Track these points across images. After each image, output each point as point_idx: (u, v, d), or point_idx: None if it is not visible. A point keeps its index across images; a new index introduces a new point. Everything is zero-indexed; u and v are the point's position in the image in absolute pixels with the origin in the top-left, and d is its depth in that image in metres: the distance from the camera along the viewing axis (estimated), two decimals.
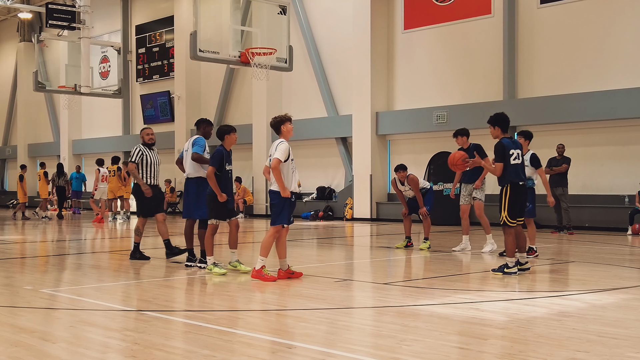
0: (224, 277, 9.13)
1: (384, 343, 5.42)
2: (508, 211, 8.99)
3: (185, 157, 10.25)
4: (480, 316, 6.45)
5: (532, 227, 10.95)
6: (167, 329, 6.01)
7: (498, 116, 9.25)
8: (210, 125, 10.26)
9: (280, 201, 8.72)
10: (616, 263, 10.49)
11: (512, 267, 8.96)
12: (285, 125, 8.93)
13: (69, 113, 32.79)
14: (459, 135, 11.90)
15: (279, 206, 8.76)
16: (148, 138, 11.03)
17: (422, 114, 20.84)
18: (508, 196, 8.97)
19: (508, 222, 9.02)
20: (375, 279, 9.45)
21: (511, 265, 8.98)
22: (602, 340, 5.40)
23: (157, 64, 30.63)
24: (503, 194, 9.01)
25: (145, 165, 10.96)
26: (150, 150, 11.04)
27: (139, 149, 10.97)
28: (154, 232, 14.55)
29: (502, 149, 8.99)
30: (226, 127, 9.59)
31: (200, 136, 10.12)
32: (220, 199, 9.25)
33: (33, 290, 8.05)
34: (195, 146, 9.93)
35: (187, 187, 10.23)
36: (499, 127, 9.18)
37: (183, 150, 10.37)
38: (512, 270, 8.94)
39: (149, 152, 11.01)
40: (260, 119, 25.16)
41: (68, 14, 22.50)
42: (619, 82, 17.23)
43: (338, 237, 16.67)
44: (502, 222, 9.04)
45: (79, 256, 12.46)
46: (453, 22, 20.64)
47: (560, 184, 15.97)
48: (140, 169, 10.90)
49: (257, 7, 18.92)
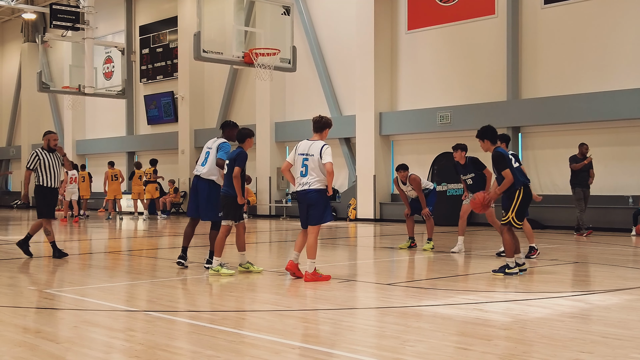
0: (232, 277, 9.13)
1: (387, 344, 5.42)
2: (517, 213, 9.00)
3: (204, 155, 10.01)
4: (483, 317, 6.45)
5: (527, 226, 10.94)
6: (170, 330, 6.02)
7: (484, 129, 9.26)
8: (235, 128, 9.93)
9: (325, 200, 8.78)
10: (620, 264, 10.48)
11: (513, 267, 8.97)
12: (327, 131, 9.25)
13: (73, 113, 32.84)
14: (458, 150, 11.90)
15: (322, 205, 8.77)
16: (54, 144, 11.48)
17: (425, 115, 20.83)
18: (520, 198, 8.99)
19: (515, 223, 9.02)
20: (379, 279, 9.45)
21: (512, 265, 8.99)
22: (606, 341, 5.40)
23: (161, 64, 30.65)
24: (516, 195, 9.01)
25: (45, 168, 11.37)
26: (51, 154, 11.46)
27: (36, 154, 11.42)
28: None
29: (501, 157, 8.99)
30: (248, 131, 9.57)
31: (226, 141, 9.90)
32: (240, 201, 9.27)
33: (37, 291, 8.07)
34: (220, 151, 9.71)
35: (198, 186, 9.89)
36: (487, 139, 9.20)
37: (207, 147, 10.00)
38: (514, 271, 8.96)
39: (48, 156, 11.42)
40: (264, 120, 25.17)
41: (72, 14, 22.52)
42: (623, 82, 17.20)
43: (341, 237, 16.67)
44: (508, 222, 9.03)
45: (82, 256, 12.48)
46: (456, 22, 20.62)
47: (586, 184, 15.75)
48: (40, 173, 11.35)
49: (260, 7, 18.92)
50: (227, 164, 9.30)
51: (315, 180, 8.71)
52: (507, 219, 9.05)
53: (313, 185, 8.72)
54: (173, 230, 19.54)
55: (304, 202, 8.88)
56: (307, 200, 8.80)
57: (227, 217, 9.39)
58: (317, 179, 8.72)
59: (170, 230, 19.30)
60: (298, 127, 23.62)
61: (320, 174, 8.74)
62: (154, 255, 12.64)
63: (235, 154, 9.29)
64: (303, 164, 8.80)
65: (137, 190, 24.89)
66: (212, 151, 9.82)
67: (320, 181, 8.74)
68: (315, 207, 8.76)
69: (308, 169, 8.75)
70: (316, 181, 8.71)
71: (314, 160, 8.73)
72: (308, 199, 8.79)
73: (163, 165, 30.32)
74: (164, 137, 30.08)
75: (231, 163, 9.24)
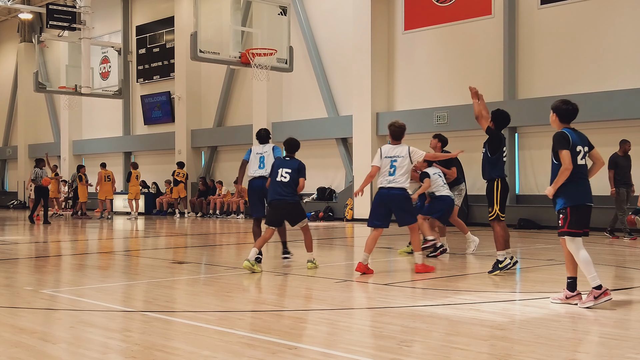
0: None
1: (384, 344, 5.42)
2: (500, 205, 9.03)
3: (254, 158, 10.89)
4: (480, 317, 6.46)
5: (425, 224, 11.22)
6: (167, 330, 6.01)
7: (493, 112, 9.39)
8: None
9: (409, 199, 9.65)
10: (617, 264, 10.49)
11: (503, 260, 9.00)
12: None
13: (70, 113, 32.79)
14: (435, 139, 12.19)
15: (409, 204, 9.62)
16: None
17: (422, 115, 20.84)
18: (500, 190, 9.03)
19: (500, 216, 9.06)
20: (376, 279, 9.44)
21: (502, 259, 9.01)
22: (602, 341, 5.41)
23: (158, 64, 30.63)
24: (494, 188, 9.03)
25: None
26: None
27: None
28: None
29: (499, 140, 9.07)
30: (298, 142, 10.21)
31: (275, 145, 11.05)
32: None
33: (33, 291, 8.06)
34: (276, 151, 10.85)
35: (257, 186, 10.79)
36: (493, 122, 9.26)
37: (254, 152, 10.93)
38: (506, 264, 9.00)
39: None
40: (261, 120, 25.14)
41: (68, 14, 22.52)
42: (620, 82, 17.22)
43: (338, 237, 16.68)
44: (494, 217, 9.06)
45: (79, 257, 12.46)
46: (453, 22, 20.64)
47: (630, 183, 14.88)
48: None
49: (257, 7, 18.94)
50: (290, 173, 9.76)
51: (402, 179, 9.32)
52: (492, 213, 9.07)
53: (399, 183, 9.30)
54: (170, 230, 19.53)
55: (385, 200, 9.34)
56: (391, 198, 9.31)
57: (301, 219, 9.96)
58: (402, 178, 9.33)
59: (167, 231, 19.29)
60: (295, 127, 23.60)
61: (406, 174, 9.35)
62: (151, 255, 12.62)
63: (297, 165, 9.85)
64: (392, 165, 9.34)
65: (133, 191, 24.97)
66: (267, 154, 10.86)
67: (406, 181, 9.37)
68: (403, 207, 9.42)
69: (396, 169, 9.31)
70: (403, 181, 9.32)
71: (402, 161, 9.34)
72: (392, 195, 9.31)
73: (160, 165, 30.34)
74: (161, 137, 30.06)
75: (294, 173, 9.77)
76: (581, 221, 7.02)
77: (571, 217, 6.96)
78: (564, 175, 6.87)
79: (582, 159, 7.04)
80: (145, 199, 28.57)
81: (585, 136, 7.20)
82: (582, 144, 7.05)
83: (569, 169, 6.84)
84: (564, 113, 7.08)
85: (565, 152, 6.88)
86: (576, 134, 7.08)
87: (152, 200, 28.64)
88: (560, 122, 7.11)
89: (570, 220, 6.97)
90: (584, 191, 7.05)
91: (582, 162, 7.02)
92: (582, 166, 7.02)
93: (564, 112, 7.08)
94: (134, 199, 25.12)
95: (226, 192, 25.95)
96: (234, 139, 26.96)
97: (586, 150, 7.10)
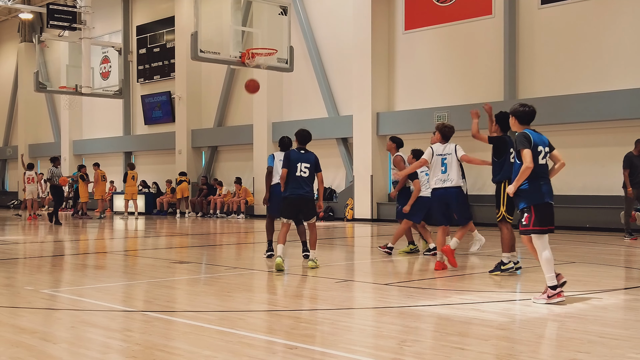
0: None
1: (384, 344, 5.42)
2: (507, 206, 9.03)
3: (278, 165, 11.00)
4: (481, 317, 6.45)
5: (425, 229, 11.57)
6: (168, 330, 6.01)
7: (497, 115, 9.36)
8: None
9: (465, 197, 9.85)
10: (617, 264, 10.49)
11: (507, 262, 9.04)
12: None
13: (70, 113, 32.79)
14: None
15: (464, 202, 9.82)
16: None
17: (422, 115, 20.83)
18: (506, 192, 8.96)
19: (507, 217, 9.07)
20: (376, 279, 9.45)
21: (506, 261, 9.05)
22: (603, 341, 5.40)
23: (158, 64, 30.62)
24: (502, 190, 9.03)
25: None
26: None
27: None
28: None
29: (504, 144, 9.03)
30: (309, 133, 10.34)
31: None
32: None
33: (34, 291, 8.06)
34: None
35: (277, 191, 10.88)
36: (498, 125, 9.26)
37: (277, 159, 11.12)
38: (509, 267, 9.06)
39: None
40: (261, 120, 25.16)
41: (69, 14, 22.51)
42: (620, 82, 17.21)
43: (339, 237, 16.67)
44: (500, 218, 9.08)
45: (79, 256, 12.47)
46: (454, 22, 20.63)
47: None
48: None
49: (257, 7, 18.92)
50: (309, 168, 9.87)
51: (457, 178, 9.50)
52: (499, 214, 9.07)
53: (454, 182, 9.49)
54: (170, 230, 19.53)
55: (444, 199, 9.61)
56: (448, 196, 9.55)
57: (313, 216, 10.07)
58: (457, 177, 9.50)
59: (168, 231, 19.29)
60: (296, 127, 23.29)
61: (458, 171, 9.50)
62: (151, 255, 12.62)
63: (314, 159, 9.97)
64: (443, 163, 9.45)
65: (130, 191, 25.04)
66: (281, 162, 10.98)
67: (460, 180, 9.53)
68: (462, 205, 9.62)
69: (447, 168, 9.45)
70: (458, 180, 9.50)
71: (451, 158, 9.51)
72: (449, 194, 9.53)
73: (160, 165, 30.34)
74: (161, 137, 30.05)
75: (312, 168, 9.91)
76: (545, 219, 7.24)
77: (535, 215, 7.19)
78: (525, 173, 7.12)
79: (544, 158, 7.32)
80: (146, 198, 28.60)
81: (545, 137, 7.46)
82: (543, 145, 7.31)
83: (530, 168, 7.08)
84: (522, 115, 7.39)
85: (526, 151, 7.12)
86: (537, 134, 7.33)
87: (152, 200, 28.65)
88: (520, 124, 7.42)
89: (535, 218, 7.21)
90: (546, 190, 7.29)
91: (543, 161, 7.30)
92: (543, 166, 7.30)
93: (522, 114, 7.39)
94: (130, 199, 25.20)
95: (226, 192, 25.96)
96: (234, 139, 26.97)
97: (547, 150, 7.35)
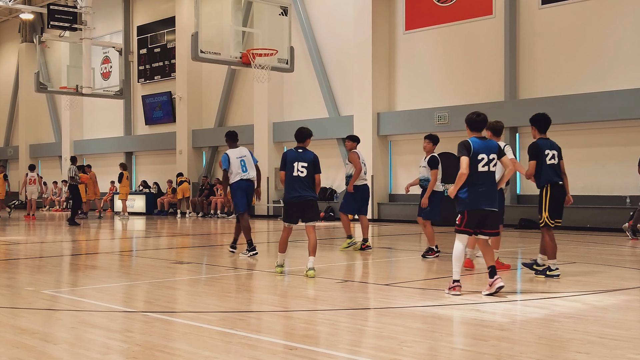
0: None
1: (384, 344, 5.42)
2: (549, 211, 8.88)
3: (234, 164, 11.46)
4: (481, 317, 6.46)
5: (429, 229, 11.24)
6: (168, 330, 6.02)
7: (534, 116, 9.20)
8: None
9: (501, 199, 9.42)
10: (617, 264, 10.49)
11: (554, 269, 8.87)
12: None
13: (71, 114, 32.81)
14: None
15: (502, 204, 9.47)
16: None
17: (423, 115, 20.84)
18: (549, 196, 8.89)
19: (549, 222, 8.91)
20: (377, 280, 9.45)
21: (554, 267, 8.88)
22: (603, 342, 5.41)
23: (159, 64, 30.64)
24: (543, 194, 8.93)
25: None
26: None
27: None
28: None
29: (535, 148, 8.94)
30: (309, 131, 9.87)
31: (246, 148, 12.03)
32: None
33: (34, 292, 8.07)
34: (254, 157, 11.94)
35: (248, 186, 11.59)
36: (535, 127, 9.11)
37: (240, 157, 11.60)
38: (555, 273, 8.83)
39: None
40: (262, 120, 25.17)
41: (69, 15, 22.50)
42: (621, 82, 17.22)
43: (339, 238, 16.67)
44: (544, 224, 8.92)
45: (80, 257, 12.47)
46: (454, 22, 20.64)
47: None
48: None
49: (258, 8, 18.92)
50: (306, 167, 9.32)
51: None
52: (542, 220, 8.94)
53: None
54: (171, 230, 19.53)
55: None
56: None
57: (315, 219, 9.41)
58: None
59: (168, 231, 19.29)
60: (296, 127, 23.32)
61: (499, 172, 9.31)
62: (152, 255, 12.63)
63: (312, 158, 9.42)
64: None
65: (124, 192, 25.08)
66: (247, 158, 11.63)
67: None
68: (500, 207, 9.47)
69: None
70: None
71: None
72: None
73: (161, 165, 30.35)
74: (162, 138, 30.07)
75: (310, 167, 9.32)
76: (474, 223, 7.68)
77: (468, 218, 7.65)
78: (460, 179, 7.59)
79: (485, 166, 7.69)
80: (147, 199, 28.63)
81: (494, 144, 7.86)
82: (487, 152, 7.69)
83: (465, 174, 7.53)
84: (472, 123, 7.88)
85: (463, 158, 7.59)
86: (484, 143, 7.77)
87: (153, 200, 28.66)
88: (471, 131, 7.88)
89: (466, 221, 7.66)
90: (484, 196, 7.66)
91: (483, 169, 7.67)
92: (483, 173, 7.68)
93: (470, 122, 7.89)
94: (124, 199, 25.28)
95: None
96: None
97: (492, 157, 7.71)
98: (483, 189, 7.64)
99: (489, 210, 7.68)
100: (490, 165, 7.71)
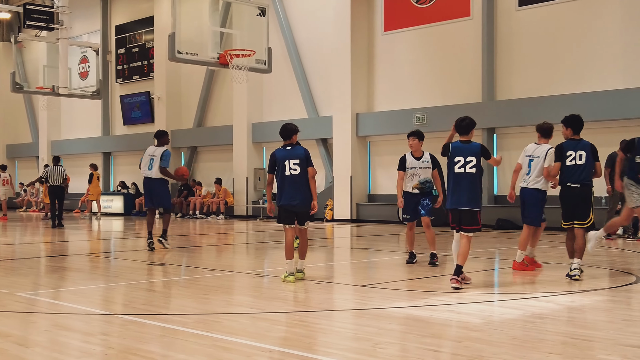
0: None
1: (359, 346, 5.45)
2: (562, 214, 9.03)
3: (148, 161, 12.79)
4: (456, 318, 6.50)
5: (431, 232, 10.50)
6: (143, 333, 6.00)
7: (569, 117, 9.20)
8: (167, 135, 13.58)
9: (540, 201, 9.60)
10: (593, 264, 10.59)
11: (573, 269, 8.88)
12: None
13: (48, 114, 32.53)
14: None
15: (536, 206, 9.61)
16: None
17: (401, 116, 20.92)
18: (561, 199, 9.05)
19: (562, 224, 9.11)
20: (355, 281, 9.48)
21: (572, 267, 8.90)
22: (575, 342, 5.47)
23: (137, 64, 30.50)
24: (559, 197, 9.15)
25: None
26: None
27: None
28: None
29: (558, 150, 9.08)
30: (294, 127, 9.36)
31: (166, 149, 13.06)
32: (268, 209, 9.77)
33: (9, 294, 8.00)
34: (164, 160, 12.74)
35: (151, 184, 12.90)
36: (570, 128, 9.15)
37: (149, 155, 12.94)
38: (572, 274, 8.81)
39: None
40: (241, 121, 25.13)
41: (46, 14, 22.32)
42: (598, 84, 17.39)
43: (318, 238, 16.68)
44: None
45: (56, 259, 12.38)
46: (432, 24, 20.74)
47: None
48: None
49: (237, 8, 18.89)
50: (298, 163, 8.79)
51: (535, 181, 9.53)
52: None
53: (530, 184, 9.55)
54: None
55: (522, 197, 9.72)
56: (523, 197, 9.69)
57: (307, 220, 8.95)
58: (537, 179, 9.52)
59: (146, 232, 19.17)
60: (275, 128, 23.29)
61: (540, 174, 9.50)
62: (130, 257, 12.57)
63: (303, 152, 8.96)
64: (529, 165, 9.65)
65: (95, 192, 24.86)
66: (156, 158, 12.63)
67: (539, 182, 9.52)
68: (534, 207, 9.60)
69: (531, 169, 9.60)
70: (535, 182, 9.53)
71: (538, 162, 9.54)
72: (523, 194, 9.66)
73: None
74: (140, 138, 29.90)
75: (302, 163, 8.84)
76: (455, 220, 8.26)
77: (451, 216, 8.30)
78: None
79: (461, 168, 8.17)
80: (125, 199, 28.47)
81: (475, 146, 8.28)
82: (464, 155, 8.17)
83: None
84: (456, 127, 8.41)
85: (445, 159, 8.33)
86: (465, 146, 8.26)
87: (131, 200, 28.51)
88: (459, 134, 8.45)
89: (451, 219, 8.33)
90: (454, 196, 8.20)
91: (459, 170, 8.18)
92: (459, 174, 8.20)
93: (456, 126, 8.41)
94: (95, 199, 25.08)
95: (206, 193, 25.90)
96: (214, 139, 26.91)
97: (470, 160, 8.16)
98: (457, 190, 8.18)
99: (463, 209, 8.19)
100: (466, 167, 8.17)
